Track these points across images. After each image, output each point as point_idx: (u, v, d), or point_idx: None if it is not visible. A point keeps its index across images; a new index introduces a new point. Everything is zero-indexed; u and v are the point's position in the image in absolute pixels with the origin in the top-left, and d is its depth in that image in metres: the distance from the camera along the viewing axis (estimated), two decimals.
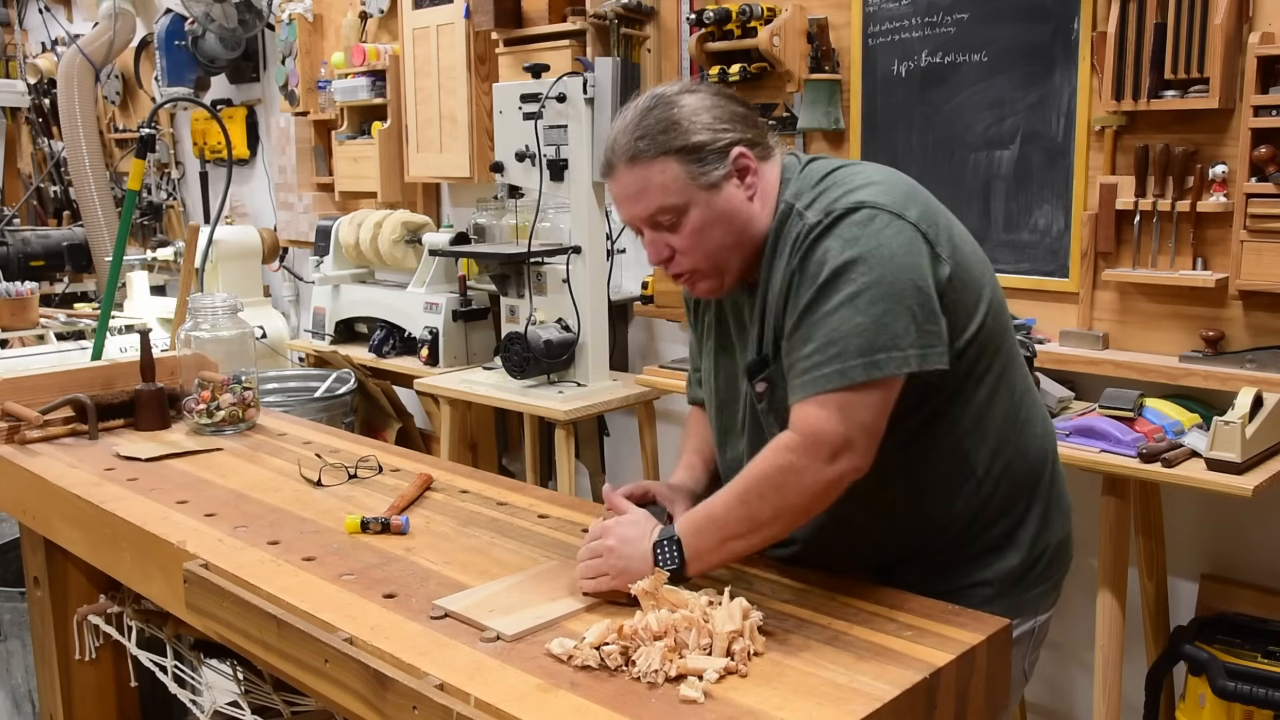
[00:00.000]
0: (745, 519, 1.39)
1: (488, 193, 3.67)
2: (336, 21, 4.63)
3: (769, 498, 1.37)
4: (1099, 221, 2.64)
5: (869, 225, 1.38)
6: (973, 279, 1.46)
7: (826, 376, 1.34)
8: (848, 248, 1.37)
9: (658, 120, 1.45)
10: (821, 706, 1.16)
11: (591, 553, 1.45)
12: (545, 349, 3.18)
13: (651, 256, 1.52)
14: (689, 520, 1.44)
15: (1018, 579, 1.52)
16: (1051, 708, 2.97)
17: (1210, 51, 2.42)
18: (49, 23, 6.40)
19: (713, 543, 1.41)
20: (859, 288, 1.35)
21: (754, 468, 1.39)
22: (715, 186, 1.45)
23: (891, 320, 1.34)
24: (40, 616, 2.27)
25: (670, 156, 1.44)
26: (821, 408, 1.34)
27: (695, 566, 1.42)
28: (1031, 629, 1.57)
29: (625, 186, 1.48)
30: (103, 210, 5.48)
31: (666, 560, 1.41)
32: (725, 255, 1.48)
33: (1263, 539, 2.59)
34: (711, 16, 3.19)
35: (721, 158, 1.45)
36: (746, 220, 1.48)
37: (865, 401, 1.34)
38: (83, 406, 2.28)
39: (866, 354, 1.33)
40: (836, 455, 1.34)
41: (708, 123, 1.46)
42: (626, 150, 1.46)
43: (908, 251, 1.37)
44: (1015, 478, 1.52)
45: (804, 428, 1.35)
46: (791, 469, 1.35)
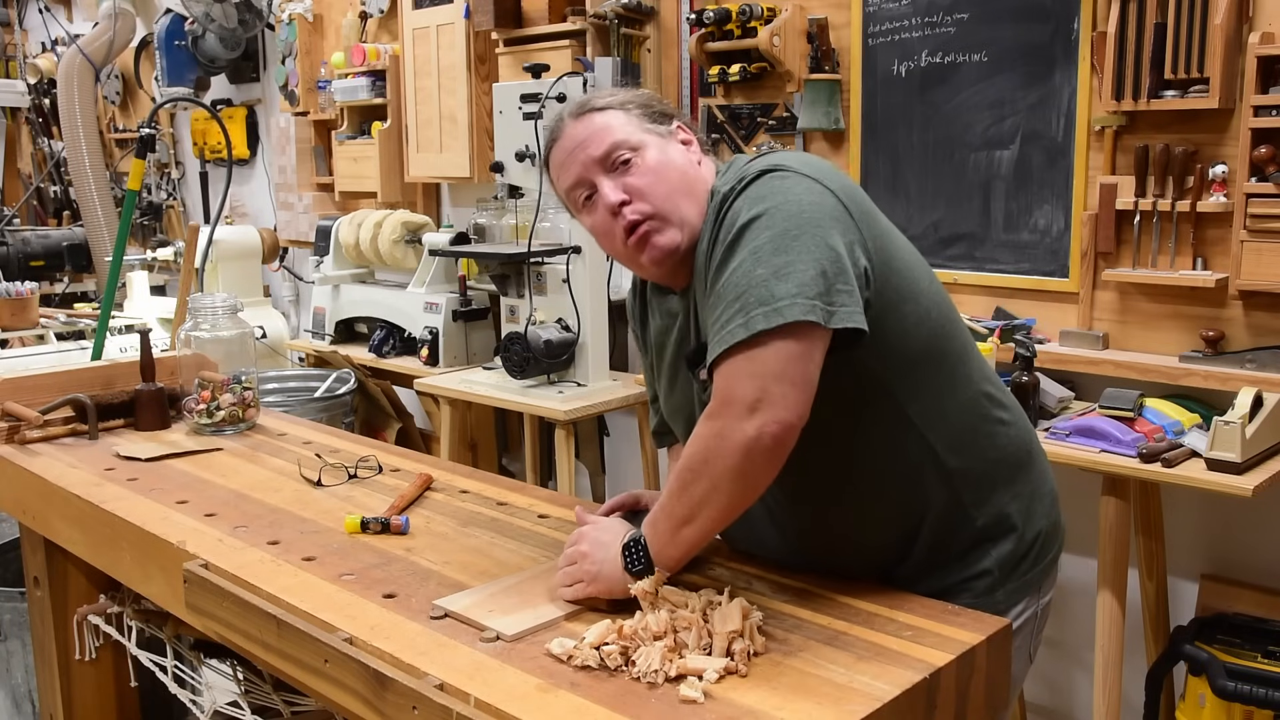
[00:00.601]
0: (687, 502, 1.35)
1: (488, 193, 3.67)
2: (336, 21, 4.63)
3: (701, 472, 1.32)
4: (1099, 221, 2.64)
5: (779, 182, 1.38)
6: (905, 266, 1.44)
7: (731, 332, 1.30)
8: (754, 204, 1.37)
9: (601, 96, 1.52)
10: (821, 706, 1.16)
11: (567, 560, 1.45)
12: (545, 349, 3.18)
13: (609, 197, 1.47)
14: (648, 518, 1.41)
15: (1017, 562, 1.53)
16: (1051, 708, 2.97)
17: (1210, 51, 2.42)
18: (49, 23, 6.40)
19: (667, 534, 1.37)
20: (763, 240, 1.33)
21: (685, 449, 1.37)
22: (664, 137, 1.50)
23: (796, 270, 1.30)
24: (40, 616, 2.27)
25: (625, 108, 1.50)
26: (729, 367, 1.31)
27: (661, 562, 1.38)
28: (1035, 613, 1.58)
29: (579, 133, 1.50)
30: (103, 210, 5.48)
31: (634, 561, 1.38)
32: (681, 202, 1.47)
33: (1263, 539, 2.59)
34: (711, 16, 3.19)
35: (667, 123, 1.52)
36: (695, 178, 1.49)
37: (775, 351, 1.28)
38: (83, 406, 2.28)
39: (768, 302, 1.29)
40: (753, 409, 1.28)
41: (646, 102, 1.53)
42: (578, 108, 1.51)
43: (817, 208, 1.35)
44: (988, 466, 1.51)
45: (717, 391, 1.32)
46: (712, 435, 1.31)
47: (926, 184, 2.97)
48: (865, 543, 1.51)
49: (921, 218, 2.99)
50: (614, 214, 1.48)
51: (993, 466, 1.52)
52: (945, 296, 1.52)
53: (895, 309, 1.41)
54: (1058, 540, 1.62)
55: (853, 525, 1.50)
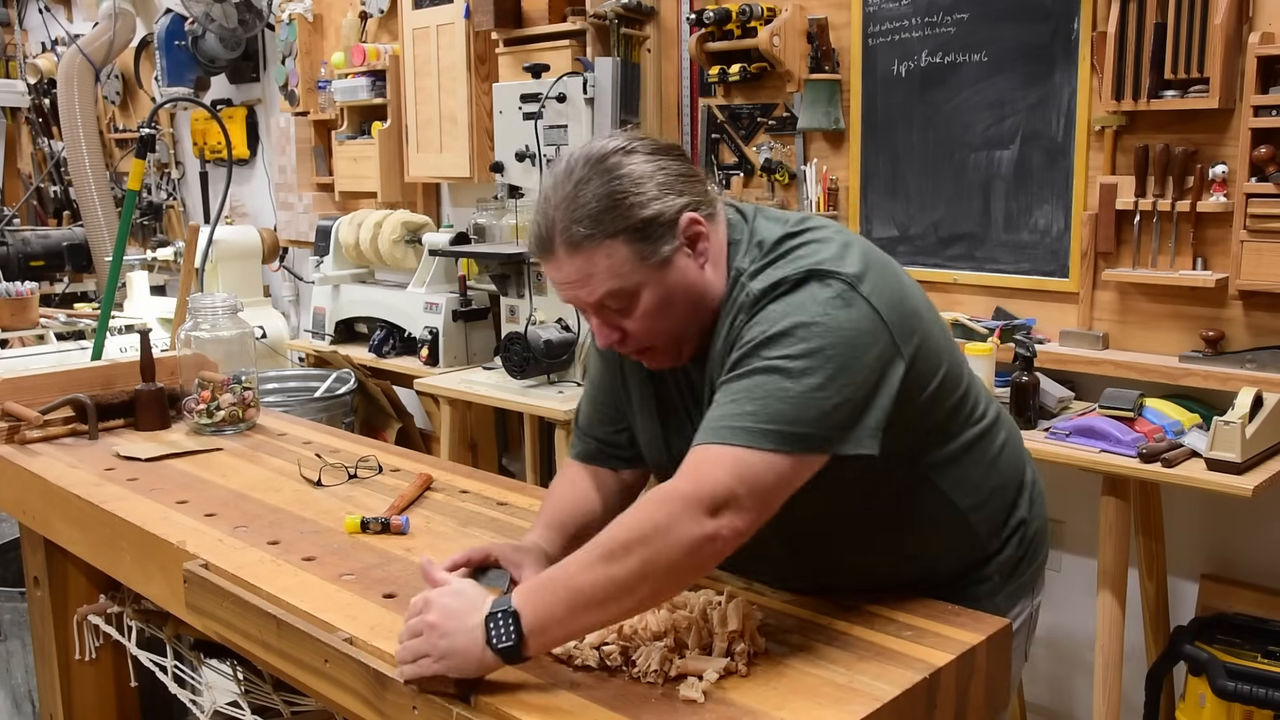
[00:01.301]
0: (605, 581, 1.16)
1: (488, 193, 3.67)
2: (336, 21, 4.62)
3: (635, 551, 1.16)
4: (1099, 221, 2.64)
5: (819, 293, 1.26)
6: (930, 342, 1.35)
7: (732, 430, 1.20)
8: (795, 310, 1.25)
9: (597, 196, 1.29)
10: (821, 706, 1.16)
11: (411, 631, 1.22)
12: (545, 349, 3.18)
13: (601, 340, 1.38)
14: (530, 586, 1.21)
15: (1015, 565, 1.53)
16: (1051, 708, 2.97)
17: (1210, 51, 2.42)
18: (49, 23, 6.40)
19: (562, 611, 1.17)
20: (798, 351, 1.22)
21: (619, 521, 1.20)
22: (666, 262, 1.31)
23: (824, 397, 1.21)
24: (40, 616, 2.27)
25: (617, 238, 1.29)
26: (715, 457, 1.20)
27: (537, 643, 1.17)
28: (1030, 613, 1.59)
29: (567, 273, 1.32)
30: (103, 210, 5.47)
31: (501, 636, 1.16)
32: (681, 329, 1.36)
33: (1263, 539, 2.59)
34: (711, 16, 3.19)
35: (671, 229, 1.31)
36: (701, 292, 1.35)
37: (766, 466, 1.20)
38: (83, 406, 2.28)
39: (782, 423, 1.20)
40: (718, 509, 1.17)
41: (654, 193, 1.30)
42: (566, 235, 1.30)
43: (856, 328, 1.25)
44: (999, 498, 1.51)
45: (688, 470, 1.20)
46: (664, 518, 1.17)
47: (926, 184, 2.97)
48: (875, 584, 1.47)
49: (921, 218, 2.99)
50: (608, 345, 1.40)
51: (1002, 493, 1.51)
52: (952, 343, 1.45)
53: (918, 390, 1.34)
54: (1048, 538, 1.63)
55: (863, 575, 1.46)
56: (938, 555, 1.47)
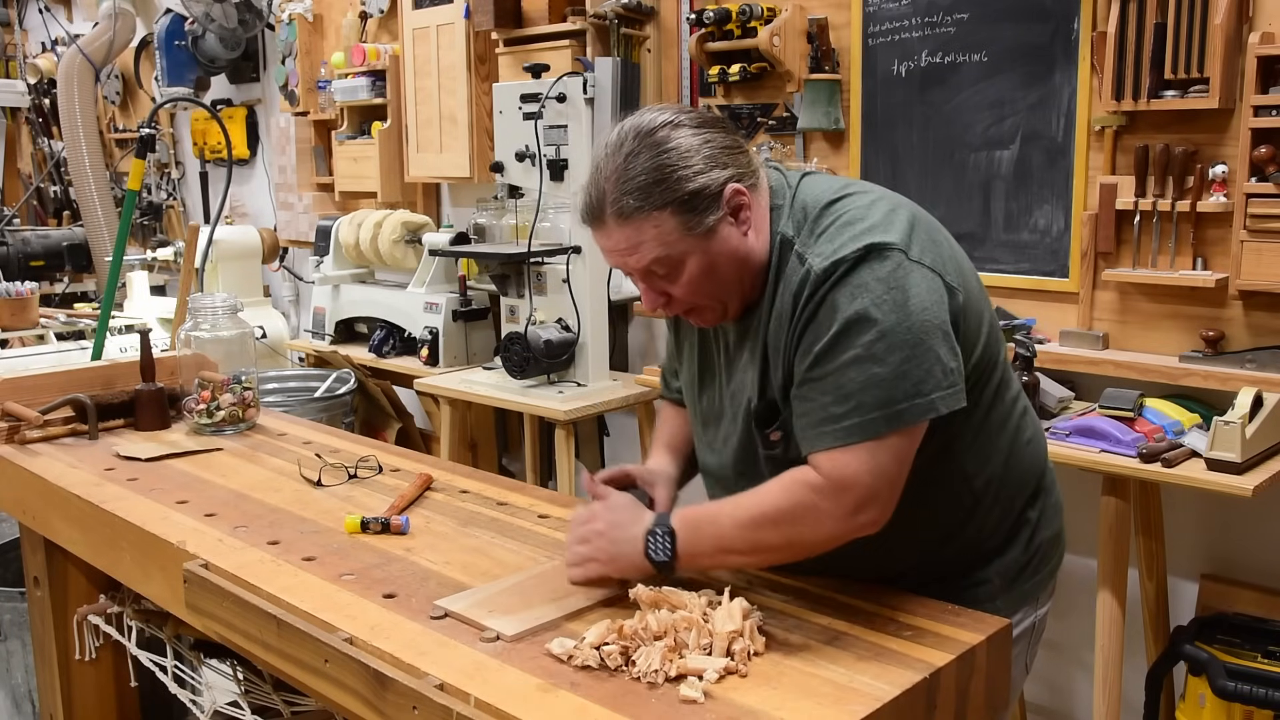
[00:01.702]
0: (750, 541, 1.35)
1: (488, 193, 3.67)
2: (336, 21, 4.63)
3: (783, 529, 1.33)
4: (1099, 221, 2.64)
5: (879, 269, 1.33)
6: (976, 302, 1.43)
7: (847, 430, 1.31)
8: (860, 295, 1.32)
9: (646, 170, 1.35)
10: (821, 706, 1.16)
11: (579, 539, 1.41)
12: (545, 349, 3.18)
13: (647, 304, 1.46)
14: (689, 518, 1.38)
15: (1018, 572, 1.53)
16: (1051, 708, 2.97)
17: (1210, 51, 2.42)
18: (49, 23, 6.40)
19: (709, 549, 1.37)
20: (875, 335, 1.30)
21: (772, 495, 1.35)
22: (711, 231, 1.38)
23: (911, 367, 1.30)
24: (40, 616, 2.27)
25: (665, 210, 1.35)
26: (848, 457, 1.31)
27: (686, 564, 1.38)
28: (1033, 624, 1.57)
29: (616, 241, 1.40)
30: (103, 210, 5.48)
31: (659, 550, 1.36)
32: (725, 293, 1.44)
33: (1263, 539, 2.59)
34: (711, 16, 3.19)
35: (716, 201, 1.37)
36: (745, 257, 1.42)
37: (890, 453, 1.31)
38: (83, 406, 2.28)
39: (887, 405, 1.30)
40: (860, 508, 1.31)
41: (700, 166, 1.36)
42: (616, 206, 1.37)
43: (922, 293, 1.33)
44: (1012, 488, 1.52)
45: (831, 473, 1.32)
46: (814, 510, 1.32)
47: (926, 184, 2.97)
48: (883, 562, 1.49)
49: None
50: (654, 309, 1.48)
51: (1018, 489, 1.53)
52: (994, 315, 1.50)
53: (968, 356, 1.40)
54: (1058, 551, 1.62)
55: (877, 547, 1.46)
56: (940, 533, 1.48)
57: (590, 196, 1.41)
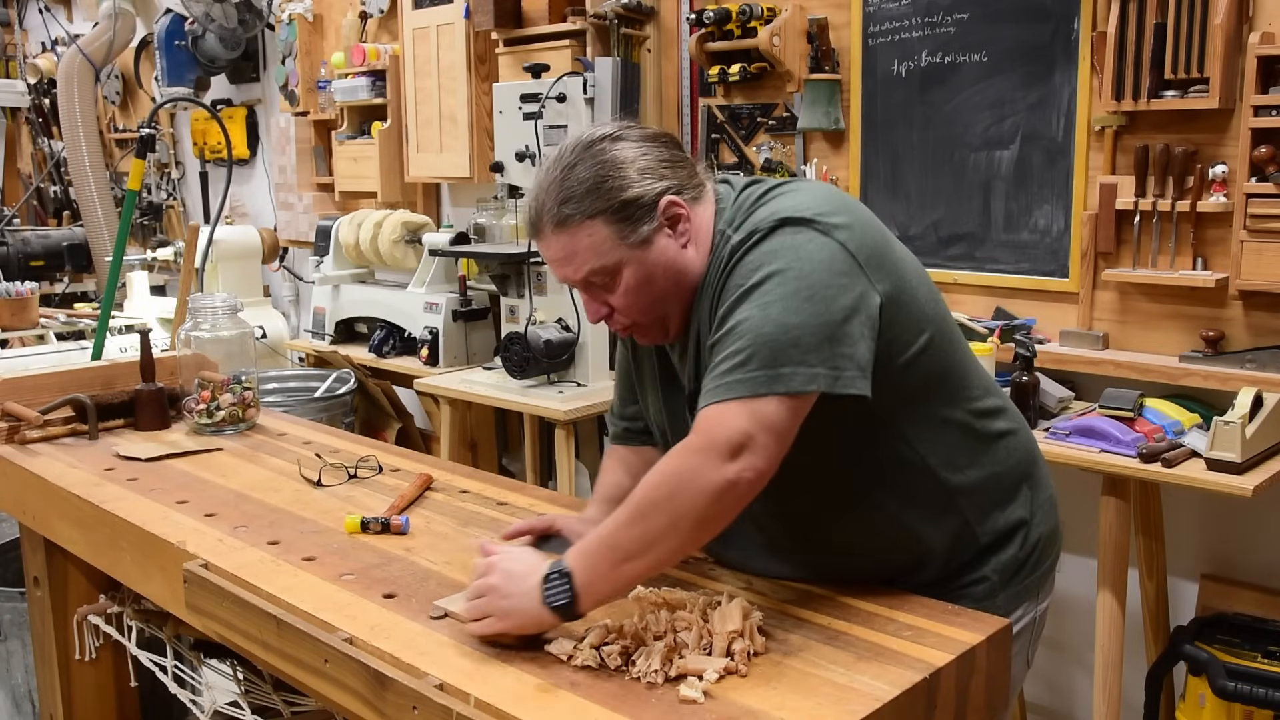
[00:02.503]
0: (640, 537, 1.27)
1: (488, 193, 3.67)
2: (336, 21, 4.63)
3: (662, 506, 1.26)
4: (1099, 221, 2.64)
5: (792, 238, 1.34)
6: (913, 300, 1.41)
7: (729, 385, 1.28)
8: (768, 259, 1.33)
9: (582, 179, 1.39)
10: (821, 706, 1.16)
11: (475, 592, 1.33)
12: (545, 349, 3.18)
13: (590, 315, 1.49)
14: (579, 548, 1.31)
15: (1016, 569, 1.52)
16: (1051, 708, 2.97)
17: (1210, 51, 2.42)
18: (49, 23, 6.40)
19: (605, 568, 1.28)
20: (774, 297, 1.30)
21: (647, 479, 1.29)
22: (646, 242, 1.40)
23: (803, 334, 1.28)
24: (40, 616, 2.27)
25: (598, 218, 1.38)
26: (725, 408, 1.27)
27: (589, 598, 1.28)
28: (1033, 619, 1.57)
29: (554, 251, 1.43)
30: (103, 210, 5.47)
31: (556, 595, 1.27)
32: (664, 306, 1.45)
33: (1263, 539, 2.59)
34: (711, 16, 3.19)
35: (651, 210, 1.40)
36: (681, 269, 1.43)
37: (769, 405, 1.27)
38: (83, 406, 2.28)
39: (771, 365, 1.27)
40: (735, 453, 1.25)
41: (634, 176, 1.39)
42: (552, 215, 1.40)
43: (829, 268, 1.32)
44: (995, 483, 1.51)
45: (701, 426, 1.28)
46: (685, 470, 1.26)
47: (926, 184, 2.97)
48: (869, 566, 1.49)
49: (921, 218, 2.99)
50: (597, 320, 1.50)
51: (996, 480, 1.52)
52: (946, 316, 1.50)
53: (899, 345, 1.39)
54: (1056, 546, 1.61)
55: (858, 550, 1.48)
56: (925, 532, 1.47)
57: (530, 209, 1.44)
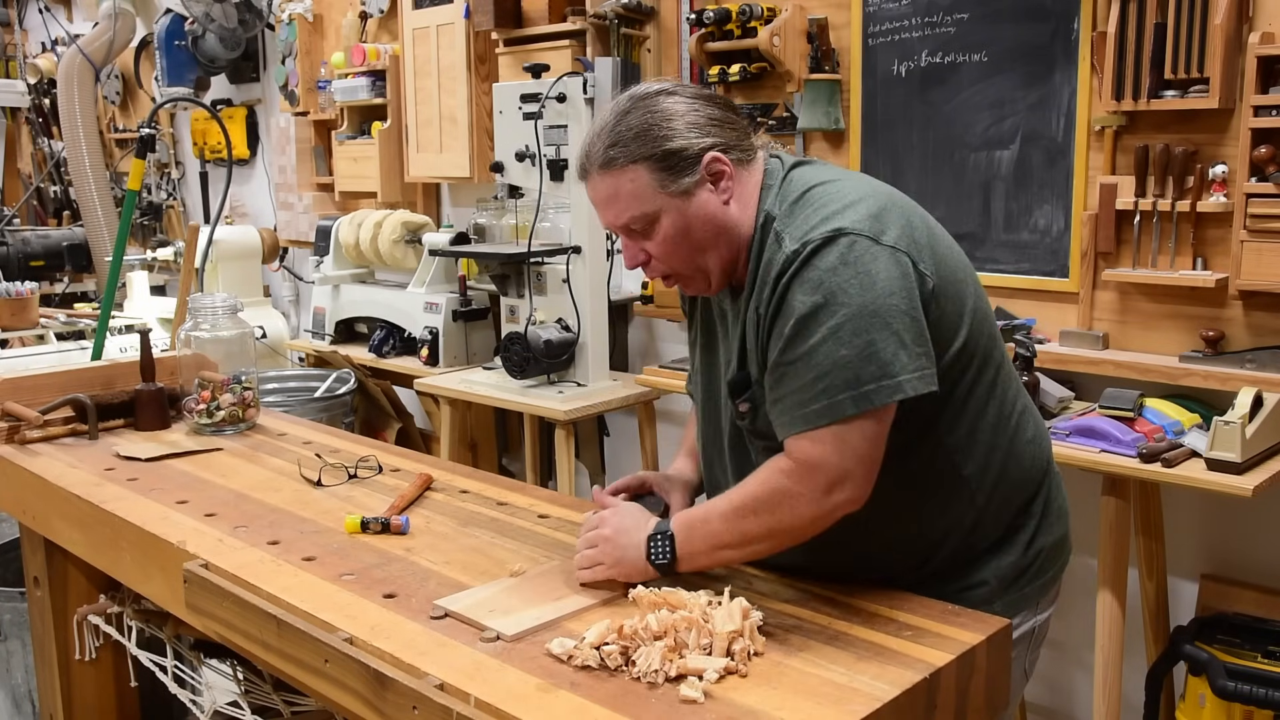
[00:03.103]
0: (737, 533, 1.40)
1: (488, 193, 3.67)
2: (336, 21, 4.63)
3: (762, 517, 1.38)
4: (1099, 221, 2.64)
5: (848, 253, 1.36)
6: (956, 290, 1.44)
7: (816, 413, 1.33)
8: (827, 278, 1.35)
9: (631, 126, 1.45)
10: (821, 706, 1.16)
11: (588, 543, 1.47)
12: (545, 349, 3.18)
13: (627, 260, 1.53)
14: (684, 520, 1.45)
15: (1015, 577, 1.52)
16: (1051, 708, 2.97)
17: (1210, 51, 2.42)
18: (49, 23, 6.40)
19: (704, 547, 1.43)
20: (841, 319, 1.33)
21: (750, 485, 1.40)
22: (687, 193, 1.44)
23: (878, 348, 1.32)
24: (40, 616, 2.27)
25: (641, 164, 1.44)
26: (816, 441, 1.34)
27: (686, 565, 1.44)
28: (1032, 628, 1.57)
29: (599, 192, 1.49)
30: (103, 210, 5.48)
31: (659, 554, 1.43)
32: (702, 259, 1.48)
33: (1263, 539, 2.59)
34: (711, 16, 3.19)
35: (695, 164, 1.44)
36: (722, 225, 1.47)
37: (860, 433, 1.34)
38: (83, 406, 2.28)
39: (854, 386, 1.32)
40: (833, 487, 1.35)
41: (681, 129, 1.44)
42: (600, 157, 1.46)
43: (889, 275, 1.35)
44: (1010, 486, 1.52)
45: (800, 457, 1.36)
46: (787, 494, 1.36)
47: (926, 184, 2.97)
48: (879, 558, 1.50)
49: None
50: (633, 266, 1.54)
51: (1017, 487, 1.53)
52: (987, 306, 1.52)
53: (947, 345, 1.42)
54: (1061, 557, 1.61)
55: (872, 543, 1.49)
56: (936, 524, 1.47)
57: (582, 151, 1.50)
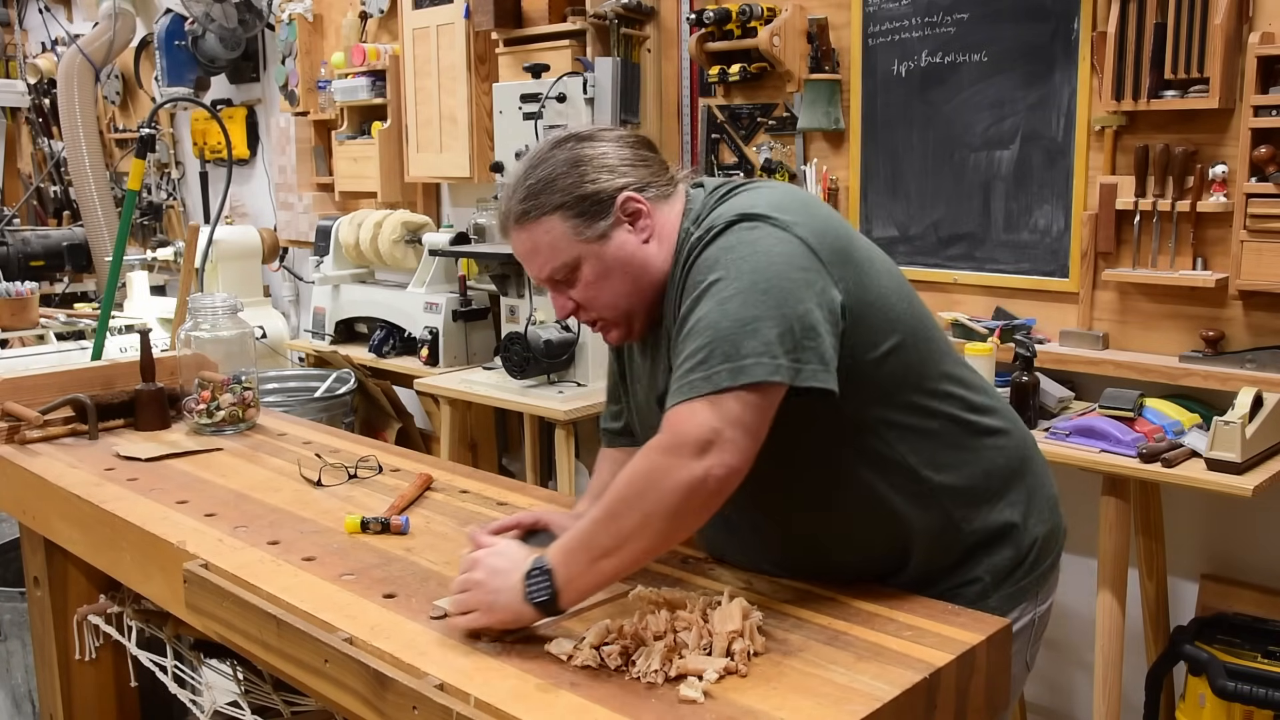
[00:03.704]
0: (613, 533, 1.29)
1: (488, 193, 3.67)
2: (336, 21, 4.63)
3: (634, 505, 1.27)
4: (1099, 221, 2.64)
5: (749, 233, 1.35)
6: (881, 299, 1.41)
7: (693, 384, 1.28)
8: (724, 254, 1.35)
9: (540, 178, 1.43)
10: (821, 706, 1.16)
11: (459, 586, 1.36)
12: (545, 349, 3.18)
13: (558, 311, 1.51)
14: (559, 546, 1.33)
15: (1011, 569, 1.52)
16: (1051, 708, 2.97)
17: (1210, 51, 2.42)
18: (49, 23, 6.40)
19: (582, 565, 1.30)
20: (731, 292, 1.31)
21: (619, 478, 1.30)
22: (604, 236, 1.43)
23: (762, 326, 1.28)
24: (40, 616, 2.27)
25: (554, 214, 1.42)
26: (690, 407, 1.28)
27: (569, 595, 1.30)
28: (1032, 620, 1.57)
29: (520, 247, 1.48)
30: (103, 210, 5.47)
31: (537, 592, 1.29)
32: (626, 302, 1.47)
33: (1263, 539, 2.59)
34: (711, 16, 3.19)
35: (609, 206, 1.42)
36: (642, 265, 1.45)
37: (736, 400, 1.27)
38: (83, 406, 2.28)
39: (733, 359, 1.27)
40: (704, 450, 1.25)
41: (591, 174, 1.43)
42: (515, 211, 1.46)
43: (787, 261, 1.32)
44: (979, 479, 1.50)
45: (668, 425, 1.28)
46: (655, 469, 1.27)
47: (926, 184, 2.97)
48: (851, 562, 1.49)
49: (921, 218, 2.99)
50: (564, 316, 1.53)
51: (984, 479, 1.51)
52: (923, 316, 1.49)
53: (866, 345, 1.39)
54: (1056, 546, 1.61)
55: (838, 547, 1.48)
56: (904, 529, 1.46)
57: (501, 208, 1.50)
